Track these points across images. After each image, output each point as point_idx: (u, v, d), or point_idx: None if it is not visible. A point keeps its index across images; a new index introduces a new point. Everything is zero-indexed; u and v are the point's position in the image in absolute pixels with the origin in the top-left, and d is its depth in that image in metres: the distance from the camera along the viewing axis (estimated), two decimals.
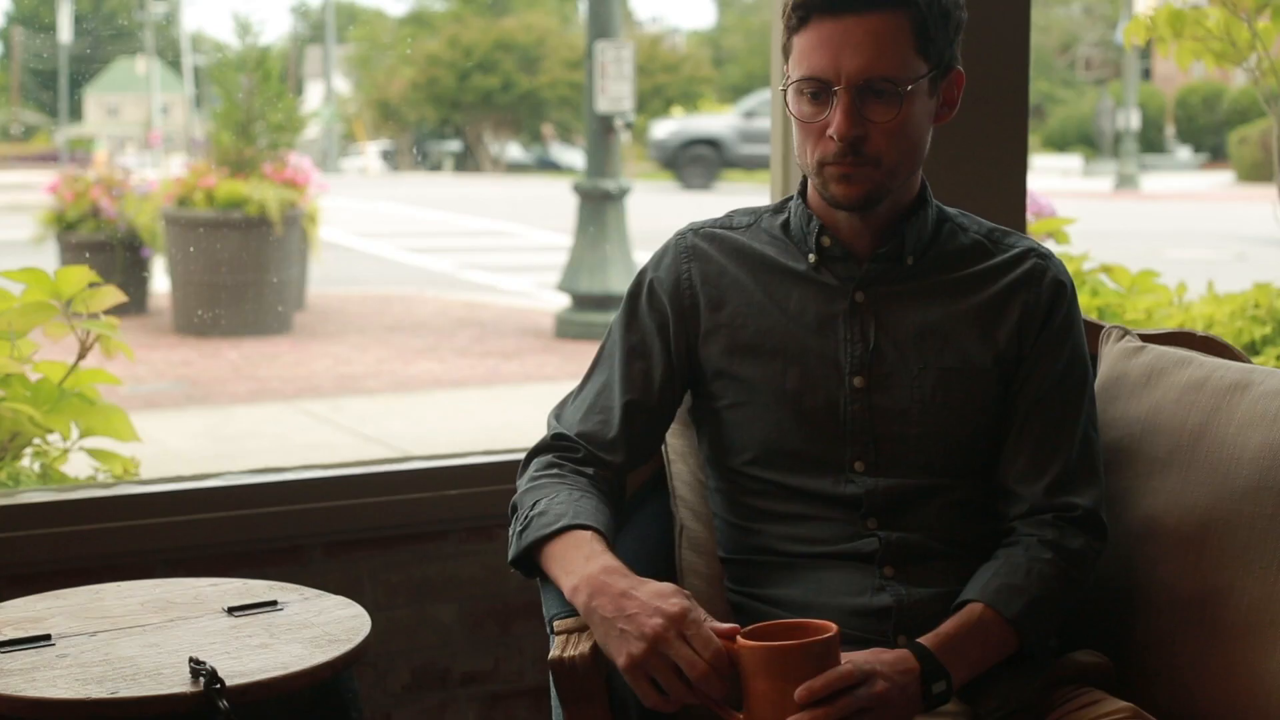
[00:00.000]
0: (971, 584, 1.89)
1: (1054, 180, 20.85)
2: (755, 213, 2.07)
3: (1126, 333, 2.23)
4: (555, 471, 1.99)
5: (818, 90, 1.88)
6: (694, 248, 2.04)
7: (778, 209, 2.06)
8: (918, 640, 1.82)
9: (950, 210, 2.04)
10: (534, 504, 1.93)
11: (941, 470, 1.95)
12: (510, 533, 1.96)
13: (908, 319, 1.96)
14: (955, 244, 2.00)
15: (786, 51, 1.92)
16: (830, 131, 1.88)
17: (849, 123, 1.86)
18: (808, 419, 1.95)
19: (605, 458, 2.01)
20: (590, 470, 1.99)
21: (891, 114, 1.86)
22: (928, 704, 1.79)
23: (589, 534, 1.87)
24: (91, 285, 2.89)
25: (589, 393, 2.06)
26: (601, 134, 9.27)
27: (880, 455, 1.94)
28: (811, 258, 1.98)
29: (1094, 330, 2.23)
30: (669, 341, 2.02)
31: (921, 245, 1.98)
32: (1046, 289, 1.98)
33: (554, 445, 2.03)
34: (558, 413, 2.08)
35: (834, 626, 1.71)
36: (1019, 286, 1.98)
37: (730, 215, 2.08)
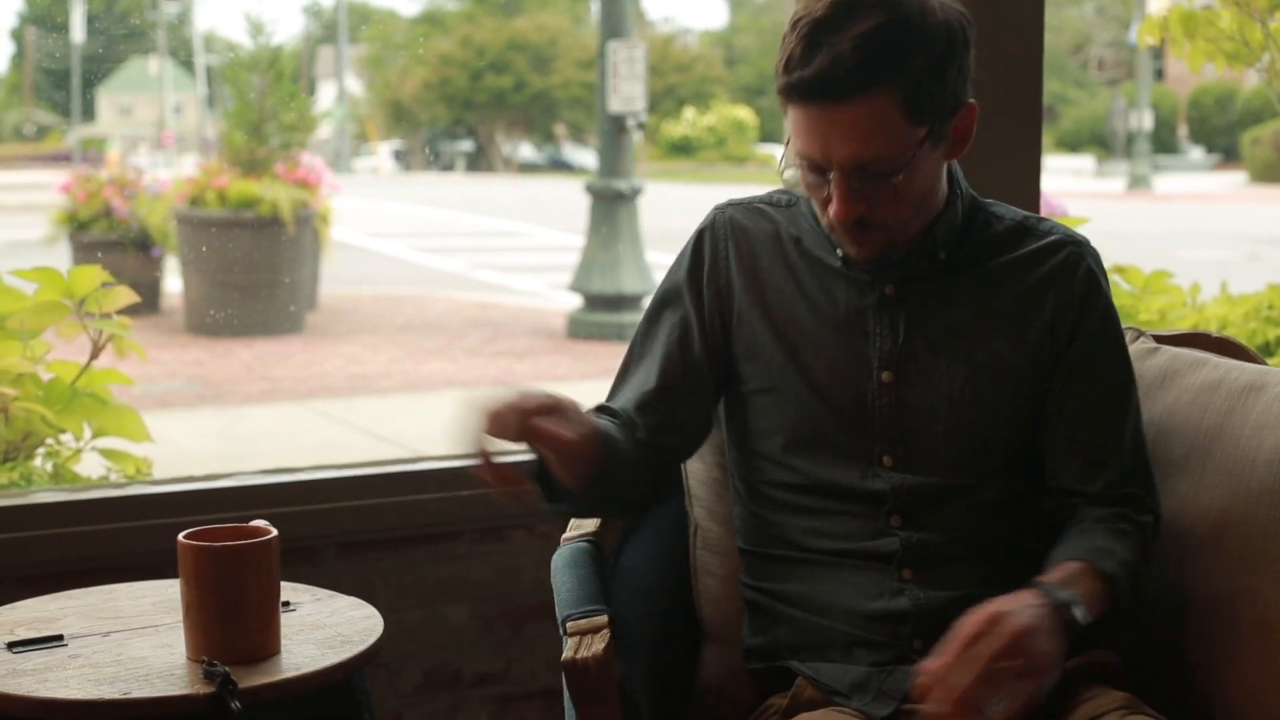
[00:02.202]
0: (1057, 553, 1.84)
1: (1066, 181, 20.82)
2: (794, 194, 2.03)
3: (1140, 334, 2.22)
4: None
5: (814, 167, 1.85)
6: (731, 221, 2.02)
7: None
8: (1034, 580, 1.76)
9: (984, 199, 2.01)
10: None
11: (970, 469, 1.92)
12: None
13: (938, 314, 1.94)
14: (989, 232, 1.97)
15: (784, 108, 1.86)
16: (830, 212, 1.85)
17: (846, 207, 1.83)
18: (836, 410, 1.93)
19: (608, 404, 1.99)
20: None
21: (890, 190, 1.83)
22: (1071, 632, 1.73)
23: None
24: (104, 285, 2.89)
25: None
26: (614, 134, 9.28)
27: (909, 451, 1.92)
28: (840, 251, 1.94)
29: None
30: (704, 319, 1.99)
31: (954, 239, 1.95)
32: (1080, 282, 1.95)
33: None
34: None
35: (267, 533, 1.90)
36: (1052, 281, 1.94)
37: (770, 194, 2.05)
